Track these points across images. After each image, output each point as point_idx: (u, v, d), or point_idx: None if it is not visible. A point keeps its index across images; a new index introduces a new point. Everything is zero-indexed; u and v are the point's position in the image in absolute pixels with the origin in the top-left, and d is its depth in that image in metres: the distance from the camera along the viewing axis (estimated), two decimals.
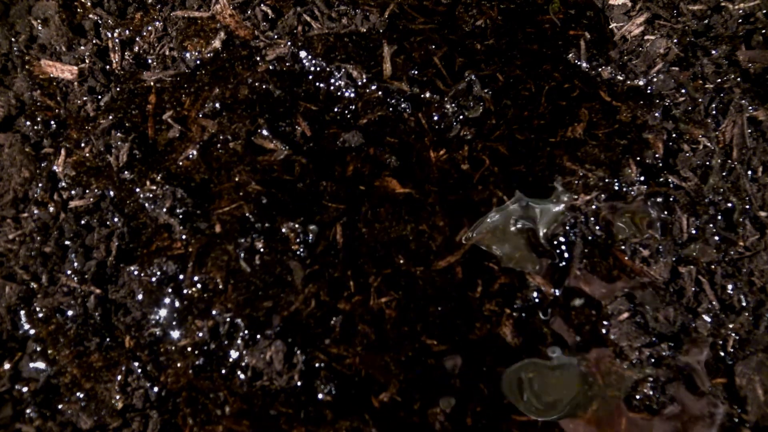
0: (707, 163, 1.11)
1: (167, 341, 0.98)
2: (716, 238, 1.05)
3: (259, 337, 0.96)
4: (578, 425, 0.96)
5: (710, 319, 1.01)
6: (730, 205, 1.08)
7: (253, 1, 1.24)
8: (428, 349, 0.99)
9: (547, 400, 0.96)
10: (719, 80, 1.17)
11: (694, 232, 1.06)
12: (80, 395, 0.94)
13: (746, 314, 1.00)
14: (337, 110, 1.16)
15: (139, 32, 1.22)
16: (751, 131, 1.11)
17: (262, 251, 1.02)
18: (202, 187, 1.08)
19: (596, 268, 1.05)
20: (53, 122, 1.13)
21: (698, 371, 0.98)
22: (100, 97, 1.16)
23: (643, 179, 1.10)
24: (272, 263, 1.02)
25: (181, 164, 1.10)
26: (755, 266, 1.03)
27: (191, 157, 1.10)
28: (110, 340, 0.98)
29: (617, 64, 1.22)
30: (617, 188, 1.10)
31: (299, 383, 0.94)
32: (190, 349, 0.97)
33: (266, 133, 1.11)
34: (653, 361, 0.98)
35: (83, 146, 1.11)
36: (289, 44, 1.19)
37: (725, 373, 0.98)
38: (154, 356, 0.97)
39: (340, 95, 1.17)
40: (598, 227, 1.07)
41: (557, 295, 1.03)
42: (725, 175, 1.10)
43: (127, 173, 1.08)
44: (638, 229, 1.07)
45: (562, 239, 1.07)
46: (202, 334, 0.97)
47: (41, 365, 0.96)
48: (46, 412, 0.93)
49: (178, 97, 1.16)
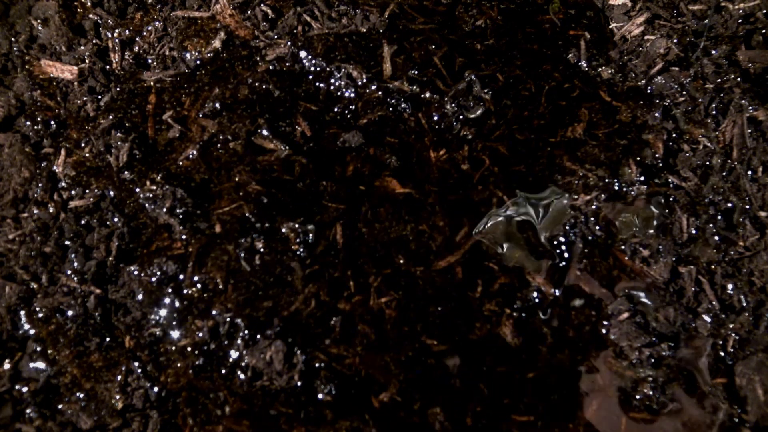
0: (707, 163, 1.11)
1: (167, 341, 0.98)
2: (716, 238, 1.05)
3: (259, 337, 0.96)
4: (578, 425, 0.96)
5: (710, 319, 1.01)
6: (730, 205, 1.08)
7: (253, 1, 1.24)
8: (428, 349, 0.99)
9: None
10: (719, 80, 1.17)
11: (694, 232, 1.06)
12: (80, 395, 0.94)
13: (746, 314, 1.00)
14: (337, 110, 1.16)
15: (139, 32, 1.22)
16: (751, 131, 1.11)
17: (262, 251, 1.02)
18: (202, 187, 1.08)
19: (596, 268, 1.05)
20: (53, 122, 1.13)
21: (698, 371, 0.98)
22: (100, 97, 1.16)
23: (643, 179, 1.10)
24: (272, 263, 1.02)
25: (181, 164, 1.10)
26: (755, 266, 1.03)
27: (191, 157, 1.10)
28: (110, 340, 0.98)
29: (617, 64, 1.22)
30: (617, 188, 1.10)
31: (299, 383, 0.94)
32: (190, 349, 0.97)
33: (266, 133, 1.11)
34: (653, 361, 0.98)
35: (83, 146, 1.11)
36: (289, 44, 1.19)
37: (725, 373, 0.98)
38: (154, 356, 0.97)
39: (340, 95, 1.17)
40: (598, 227, 1.07)
41: (557, 295, 1.03)
42: (725, 175, 1.10)
43: (127, 173, 1.08)
44: (638, 229, 1.07)
45: (562, 239, 1.07)
46: (202, 334, 0.97)
47: (41, 365, 0.96)
48: (46, 412, 0.93)
49: (178, 97, 1.16)
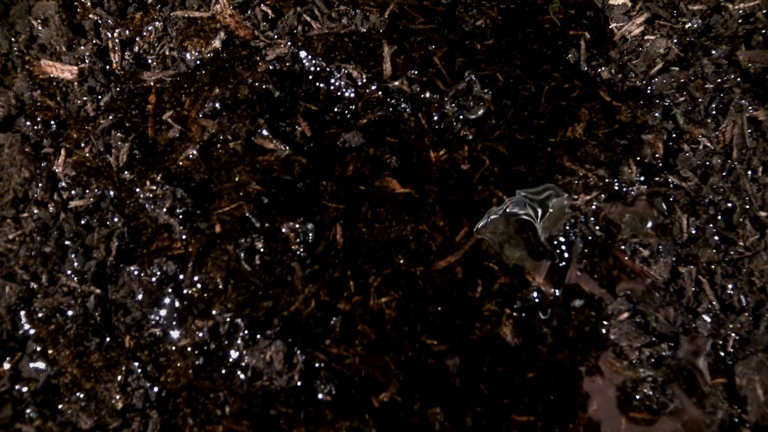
0: (707, 163, 1.11)
1: (167, 341, 0.98)
2: (716, 238, 1.05)
3: (259, 337, 0.96)
4: (578, 425, 0.96)
5: (710, 319, 1.01)
6: (730, 205, 1.08)
7: (253, 1, 1.24)
8: (428, 349, 0.99)
9: None
10: (719, 80, 1.17)
11: (694, 232, 1.06)
12: (80, 395, 0.94)
13: (746, 314, 1.00)
14: (337, 110, 1.16)
15: (139, 32, 1.22)
16: (751, 131, 1.11)
17: (262, 251, 1.02)
18: (202, 187, 1.08)
19: (596, 268, 1.05)
20: (53, 122, 1.13)
21: (698, 371, 0.98)
22: (100, 97, 1.16)
23: (643, 179, 1.10)
24: (272, 263, 1.02)
25: (181, 164, 1.10)
26: (755, 266, 1.03)
27: (191, 157, 1.10)
28: (110, 340, 0.98)
29: (617, 64, 1.22)
30: (617, 188, 1.10)
31: (299, 383, 0.94)
32: (190, 349, 0.97)
33: (266, 133, 1.11)
34: (653, 361, 0.98)
35: (83, 146, 1.11)
36: (289, 44, 1.19)
37: (725, 373, 0.98)
38: (154, 356, 0.97)
39: (340, 95, 1.17)
40: (598, 227, 1.07)
41: (557, 295, 1.03)
42: (725, 175, 1.10)
43: (127, 173, 1.08)
44: (638, 229, 1.07)
45: (562, 239, 1.07)
46: (202, 334, 0.97)
47: (41, 365, 0.96)
48: (46, 412, 0.93)
49: (178, 97, 1.16)
